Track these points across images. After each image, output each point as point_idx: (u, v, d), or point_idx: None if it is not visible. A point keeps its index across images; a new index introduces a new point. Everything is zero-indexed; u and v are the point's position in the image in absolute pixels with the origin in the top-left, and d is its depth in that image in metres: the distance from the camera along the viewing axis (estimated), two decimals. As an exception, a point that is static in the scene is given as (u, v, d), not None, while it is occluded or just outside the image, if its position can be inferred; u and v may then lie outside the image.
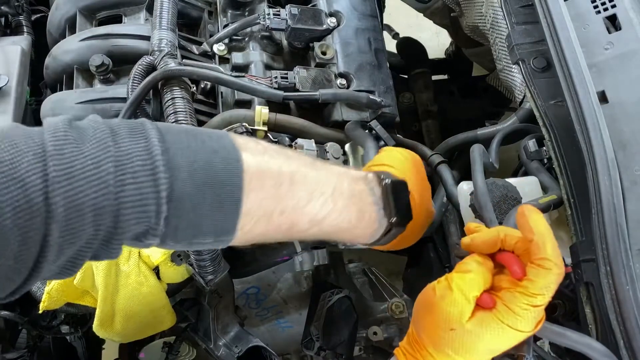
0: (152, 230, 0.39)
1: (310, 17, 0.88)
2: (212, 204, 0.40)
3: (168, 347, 0.98)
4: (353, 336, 1.02)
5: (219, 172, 0.41)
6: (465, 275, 0.50)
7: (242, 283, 1.08)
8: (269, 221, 0.45)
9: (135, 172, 0.37)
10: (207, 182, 0.40)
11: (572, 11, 0.70)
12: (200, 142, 0.42)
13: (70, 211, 0.34)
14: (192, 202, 0.39)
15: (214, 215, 0.41)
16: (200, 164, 0.40)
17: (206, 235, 0.42)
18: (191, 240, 0.42)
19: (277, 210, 0.45)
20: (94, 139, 0.37)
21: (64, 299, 0.80)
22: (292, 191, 0.46)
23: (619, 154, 0.61)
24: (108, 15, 0.92)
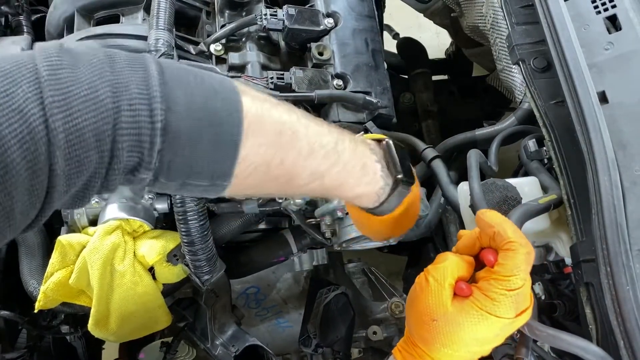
0: (145, 163, 0.37)
1: (308, 17, 0.88)
2: (209, 143, 0.39)
3: (166, 347, 0.98)
4: (350, 333, 1.02)
5: (218, 110, 0.40)
6: (438, 265, 0.52)
7: (241, 283, 1.08)
8: (268, 171, 0.43)
9: (132, 99, 0.36)
10: (205, 119, 0.39)
11: (572, 11, 0.70)
12: (200, 79, 0.41)
13: (71, 137, 0.34)
14: (188, 137, 0.38)
15: (210, 154, 0.39)
16: (199, 100, 0.39)
17: (201, 176, 0.40)
18: (185, 179, 0.40)
19: (277, 159, 0.43)
20: (90, 65, 0.36)
21: (59, 299, 0.80)
22: (293, 141, 0.44)
23: (619, 154, 0.61)
24: (106, 15, 0.92)
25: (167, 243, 0.80)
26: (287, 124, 0.45)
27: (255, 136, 0.42)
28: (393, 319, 1.08)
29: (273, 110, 0.44)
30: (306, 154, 0.46)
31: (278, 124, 0.44)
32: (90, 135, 0.35)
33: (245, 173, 0.42)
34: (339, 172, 0.49)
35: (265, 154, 0.43)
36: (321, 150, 0.47)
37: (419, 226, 0.94)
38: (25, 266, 0.84)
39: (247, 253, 0.97)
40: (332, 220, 0.84)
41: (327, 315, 1.01)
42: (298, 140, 0.45)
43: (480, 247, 0.54)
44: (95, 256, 0.75)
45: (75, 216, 0.81)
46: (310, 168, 0.46)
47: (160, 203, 0.84)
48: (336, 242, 0.85)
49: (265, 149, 0.43)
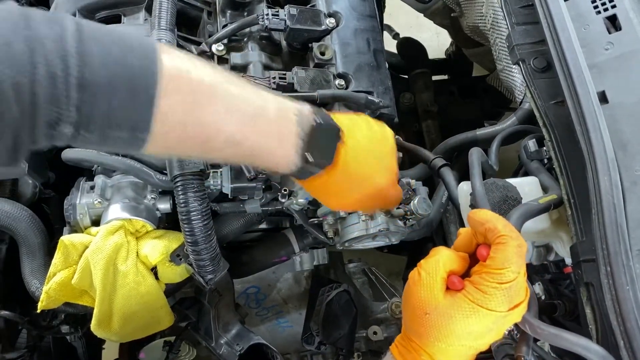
0: (64, 117, 0.39)
1: (309, 17, 0.88)
2: (125, 96, 0.41)
3: (169, 346, 0.98)
4: (353, 330, 1.03)
5: (134, 66, 0.41)
6: (430, 259, 0.53)
7: (242, 282, 1.08)
8: (185, 129, 0.45)
9: (47, 54, 0.37)
10: (121, 73, 0.40)
11: (572, 11, 0.70)
12: (118, 38, 0.42)
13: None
14: (104, 90, 0.40)
15: (127, 106, 0.41)
16: (116, 56, 0.41)
17: (120, 128, 0.42)
18: (105, 130, 0.41)
19: (193, 119, 0.45)
20: (3, 20, 0.38)
21: (62, 299, 0.80)
22: (209, 103, 0.46)
23: (619, 154, 0.61)
24: (107, 15, 0.92)
25: (169, 243, 0.80)
26: (206, 86, 0.46)
27: (172, 94, 0.43)
28: (393, 319, 1.08)
29: (194, 71, 0.45)
30: (222, 117, 0.46)
31: (196, 83, 0.45)
32: (9, 88, 0.36)
33: (163, 128, 0.43)
34: (255, 141, 0.49)
35: (182, 113, 0.44)
36: (238, 116, 0.47)
37: (420, 225, 0.95)
38: (26, 266, 0.84)
39: (249, 252, 0.97)
40: (334, 220, 0.84)
41: (330, 313, 1.01)
42: (215, 104, 0.46)
43: (476, 244, 0.54)
44: (98, 256, 0.75)
45: (78, 216, 0.81)
46: (226, 133, 0.47)
47: (162, 203, 0.84)
48: (338, 242, 0.85)
49: (181, 108, 0.44)
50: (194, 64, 0.46)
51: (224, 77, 0.48)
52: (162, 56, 0.43)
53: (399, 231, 0.82)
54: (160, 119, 0.43)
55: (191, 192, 0.72)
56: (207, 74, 0.47)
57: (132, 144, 0.44)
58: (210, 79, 0.46)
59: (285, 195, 0.83)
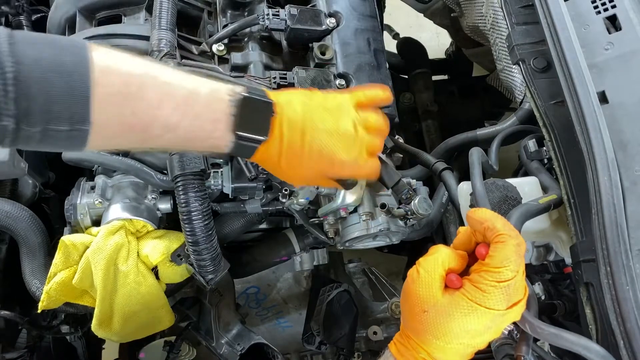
0: (3, 110, 0.40)
1: (310, 17, 0.88)
2: (61, 90, 0.43)
3: (169, 346, 0.98)
4: (354, 329, 1.03)
5: (66, 62, 0.44)
6: (429, 257, 0.53)
7: (242, 283, 1.08)
8: (122, 121, 0.47)
9: None
10: (54, 69, 0.43)
11: (572, 11, 0.70)
12: (50, 40, 0.45)
13: None
14: (40, 85, 0.42)
15: (64, 99, 0.43)
16: (48, 55, 0.43)
17: (60, 121, 0.43)
18: (46, 125, 0.43)
19: (128, 109, 0.47)
20: None
21: (62, 299, 0.80)
22: (141, 92, 0.48)
23: (619, 154, 0.61)
24: (108, 15, 0.92)
25: (170, 243, 0.80)
26: (137, 77, 0.48)
27: (104, 86, 0.45)
28: (393, 319, 1.08)
29: (123, 64, 0.48)
30: (155, 105, 0.48)
31: (126, 75, 0.47)
32: None
33: (101, 120, 0.45)
34: (190, 125, 0.50)
35: (117, 105, 0.46)
36: (171, 101, 0.49)
37: (420, 225, 0.95)
38: (27, 266, 0.84)
39: (249, 252, 0.97)
40: (335, 220, 0.84)
41: (331, 313, 1.01)
42: (147, 92, 0.48)
43: (475, 243, 0.54)
44: (99, 256, 0.75)
45: (79, 216, 0.81)
46: (161, 119, 0.49)
47: (163, 203, 0.84)
48: (339, 242, 0.86)
49: (115, 99, 0.46)
50: (124, 58, 0.48)
51: (154, 67, 0.50)
52: (92, 53, 0.45)
53: (400, 231, 0.83)
54: (98, 111, 0.45)
55: (192, 192, 0.72)
56: (138, 65, 0.49)
57: (75, 138, 0.45)
58: (141, 70, 0.49)
59: (286, 195, 0.83)
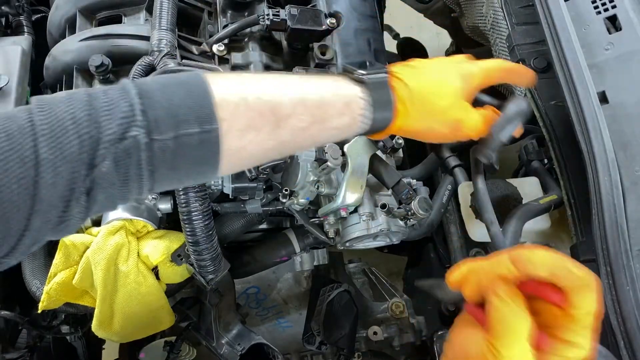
0: (132, 122, 0.41)
1: (310, 17, 0.88)
2: (182, 95, 0.44)
3: (169, 346, 0.98)
4: (354, 330, 1.03)
5: (181, 76, 0.46)
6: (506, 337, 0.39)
7: (242, 283, 1.08)
8: (248, 105, 0.46)
9: (105, 89, 0.43)
10: (173, 81, 0.45)
11: (572, 12, 0.70)
12: (168, 77, 0.47)
13: (53, 127, 0.39)
14: (162, 94, 0.43)
15: (187, 102, 0.43)
16: (164, 77, 0.46)
17: (189, 124, 0.43)
18: (176, 130, 0.43)
19: (251, 92, 0.46)
20: (71, 91, 0.43)
21: (63, 299, 0.80)
22: (260, 78, 0.49)
23: (620, 155, 0.61)
24: (108, 16, 0.92)
25: (170, 243, 0.80)
26: (250, 77, 0.49)
27: (221, 79, 0.46)
28: (393, 319, 1.08)
29: (236, 76, 0.49)
30: (277, 83, 0.49)
31: (242, 74, 0.49)
32: (69, 122, 0.39)
33: (227, 113, 0.44)
34: (320, 99, 0.50)
35: (238, 89, 0.46)
36: (293, 83, 0.50)
37: (421, 225, 0.95)
38: (27, 266, 0.84)
39: (250, 253, 0.97)
40: (335, 220, 0.84)
41: (331, 313, 1.01)
42: (267, 77, 0.49)
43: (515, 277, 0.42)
44: (99, 256, 0.75)
45: (79, 216, 0.81)
46: (288, 94, 0.48)
47: (163, 203, 0.84)
48: (339, 242, 0.86)
49: (235, 86, 0.46)
50: (235, 74, 0.50)
51: (264, 76, 0.50)
52: (204, 73, 0.46)
53: (400, 231, 0.82)
54: (222, 106, 0.44)
55: (192, 192, 0.72)
56: (248, 75, 0.50)
57: (206, 141, 0.44)
58: (254, 76, 0.49)
59: (286, 195, 0.83)
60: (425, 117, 0.56)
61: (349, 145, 0.80)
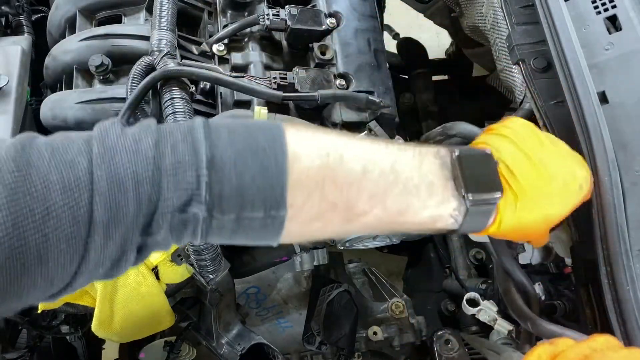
0: (195, 196, 0.37)
1: (310, 17, 0.88)
2: (255, 171, 0.39)
3: (169, 346, 0.98)
4: (354, 330, 1.03)
5: (259, 139, 0.40)
6: None
7: (242, 283, 1.08)
8: (322, 196, 0.41)
9: (175, 143, 0.38)
10: (248, 147, 0.39)
11: (572, 12, 0.70)
12: (240, 121, 0.42)
13: (112, 184, 0.35)
14: (234, 167, 0.38)
15: (259, 181, 0.39)
16: (241, 133, 0.40)
17: (254, 207, 0.39)
18: (239, 212, 0.39)
19: (329, 179, 0.41)
20: (139, 126, 0.39)
21: (63, 299, 0.80)
22: (342, 162, 0.42)
23: (620, 155, 0.61)
24: (108, 16, 0.92)
25: (170, 243, 0.80)
26: (335, 146, 0.43)
27: (302, 159, 0.40)
28: (393, 319, 1.08)
29: (318, 134, 0.43)
30: (359, 173, 0.42)
31: (325, 145, 0.42)
32: (130, 181, 0.36)
33: (299, 200, 0.40)
34: (401, 193, 0.44)
35: (316, 176, 0.41)
36: (375, 169, 0.43)
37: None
38: (27, 266, 0.84)
39: (249, 252, 0.97)
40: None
41: (331, 313, 1.01)
42: (349, 162, 0.42)
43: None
44: (98, 256, 0.75)
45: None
46: (367, 190, 0.43)
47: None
48: (339, 242, 0.86)
49: (314, 172, 0.41)
50: (316, 129, 0.44)
51: (349, 137, 0.45)
52: (285, 130, 0.41)
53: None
54: (295, 190, 0.40)
55: (192, 192, 0.72)
56: (334, 135, 0.44)
57: (270, 225, 0.40)
58: (337, 139, 0.44)
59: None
60: (526, 225, 0.49)
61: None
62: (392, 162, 0.44)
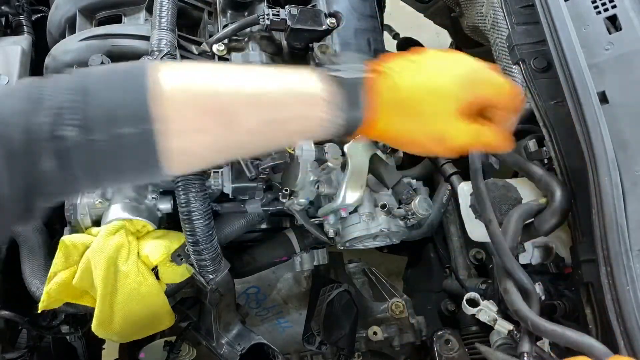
0: (65, 119, 0.39)
1: (310, 17, 0.89)
2: (117, 87, 0.41)
3: (169, 346, 0.98)
4: (354, 329, 1.03)
5: (119, 67, 0.44)
6: None
7: (242, 283, 1.08)
8: (195, 103, 0.42)
9: (45, 79, 0.41)
10: (112, 72, 0.43)
11: (572, 11, 0.70)
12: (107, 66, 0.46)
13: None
14: (98, 88, 0.41)
15: (121, 93, 0.41)
16: (112, 68, 0.45)
17: (123, 122, 0.40)
18: (110, 129, 0.40)
19: (200, 88, 0.43)
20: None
21: (63, 299, 0.80)
22: (215, 70, 0.45)
23: (620, 155, 0.61)
24: (108, 15, 0.92)
25: (170, 243, 0.80)
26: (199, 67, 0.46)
27: (164, 79, 0.42)
28: (393, 319, 1.08)
29: (184, 66, 0.46)
30: (229, 71, 0.45)
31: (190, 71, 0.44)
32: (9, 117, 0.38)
33: (169, 110, 0.41)
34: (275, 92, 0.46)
35: (184, 91, 0.42)
36: (250, 69, 0.46)
37: (421, 225, 0.95)
38: (27, 267, 0.84)
39: (250, 253, 0.97)
40: (335, 220, 0.84)
41: (331, 313, 1.01)
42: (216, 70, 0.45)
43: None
44: (99, 256, 0.75)
45: (79, 216, 0.81)
46: (245, 89, 0.44)
47: (163, 203, 0.84)
48: (339, 242, 0.86)
49: (183, 78, 0.43)
50: (183, 64, 0.45)
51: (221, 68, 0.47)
52: (145, 63, 0.43)
53: (400, 231, 0.83)
54: (161, 100, 0.40)
55: (192, 192, 0.72)
56: (200, 66, 0.45)
57: (143, 141, 0.41)
58: (204, 67, 0.45)
59: (286, 196, 0.83)
60: (407, 123, 0.49)
61: (349, 145, 0.80)
62: (269, 74, 0.46)
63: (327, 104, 0.46)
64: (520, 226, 0.70)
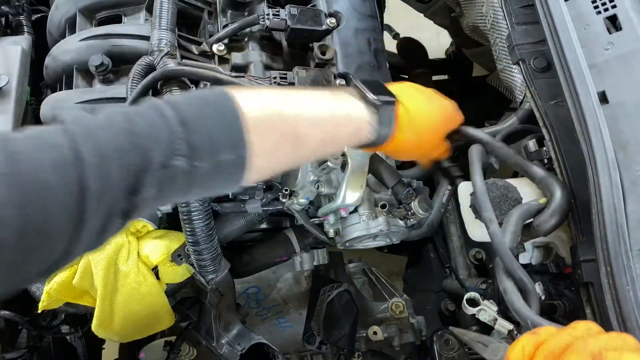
0: (175, 150, 0.43)
1: (310, 17, 0.89)
2: (216, 121, 0.46)
3: (169, 346, 0.98)
4: (354, 329, 1.03)
5: (209, 99, 0.49)
6: None
7: (242, 283, 1.08)
8: (273, 127, 0.50)
9: (142, 112, 0.44)
10: (204, 104, 0.48)
11: (572, 11, 0.70)
12: (188, 93, 0.50)
13: (101, 157, 0.40)
14: (198, 121, 0.45)
15: (220, 124, 0.46)
16: (194, 97, 0.49)
17: (224, 149, 0.46)
18: (213, 157, 0.45)
19: (275, 112, 0.51)
20: (106, 108, 0.45)
21: (63, 299, 0.80)
22: (279, 94, 0.54)
23: (620, 155, 0.61)
24: (108, 15, 0.92)
25: (170, 243, 0.80)
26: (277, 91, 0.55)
27: (249, 99, 0.49)
28: (393, 319, 1.08)
29: (256, 89, 0.55)
30: (300, 100, 0.54)
31: (266, 91, 0.53)
32: (112, 152, 0.40)
33: (255, 138, 0.48)
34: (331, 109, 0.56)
35: (265, 110, 0.50)
36: (310, 97, 0.55)
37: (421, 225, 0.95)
38: (27, 266, 0.84)
39: (250, 253, 0.97)
40: (335, 220, 0.84)
41: (331, 313, 1.01)
42: (289, 95, 0.54)
43: None
44: (99, 256, 0.75)
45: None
46: (307, 112, 0.53)
47: (163, 203, 0.84)
48: (339, 242, 0.86)
49: (263, 105, 0.50)
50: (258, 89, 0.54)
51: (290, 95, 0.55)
52: (228, 89, 0.49)
53: (400, 231, 0.83)
54: (252, 130, 0.48)
55: (192, 192, 0.72)
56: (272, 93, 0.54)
57: (238, 165, 0.48)
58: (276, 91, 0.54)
59: (286, 195, 0.83)
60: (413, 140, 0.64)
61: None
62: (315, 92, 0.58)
63: (371, 127, 0.59)
64: (520, 226, 0.70)
